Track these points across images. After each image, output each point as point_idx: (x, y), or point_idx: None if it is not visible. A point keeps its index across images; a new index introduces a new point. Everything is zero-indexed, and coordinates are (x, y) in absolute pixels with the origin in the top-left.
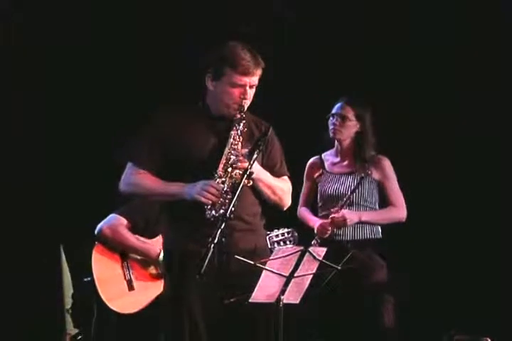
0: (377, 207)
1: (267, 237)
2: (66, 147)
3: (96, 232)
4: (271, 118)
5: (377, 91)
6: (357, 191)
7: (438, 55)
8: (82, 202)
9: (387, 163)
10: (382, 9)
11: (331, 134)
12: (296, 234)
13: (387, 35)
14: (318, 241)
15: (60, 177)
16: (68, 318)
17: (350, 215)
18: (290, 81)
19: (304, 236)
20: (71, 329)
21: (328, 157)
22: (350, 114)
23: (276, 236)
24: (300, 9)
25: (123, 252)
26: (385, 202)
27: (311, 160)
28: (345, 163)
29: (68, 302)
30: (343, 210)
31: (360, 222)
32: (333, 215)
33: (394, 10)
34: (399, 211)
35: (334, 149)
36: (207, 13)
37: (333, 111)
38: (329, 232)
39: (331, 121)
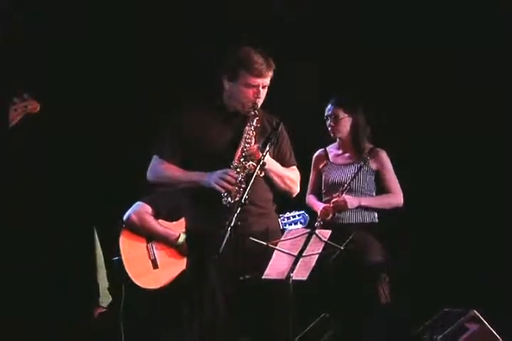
0: (374, 194)
1: (280, 219)
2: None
3: (124, 219)
4: (277, 115)
5: (377, 88)
6: (356, 179)
7: (436, 54)
8: (113, 191)
9: (384, 155)
10: (381, 9)
11: (331, 134)
12: (307, 216)
13: (383, 34)
14: (321, 223)
15: (95, 169)
16: (106, 292)
17: (351, 200)
18: (290, 79)
19: (313, 219)
20: (103, 302)
21: (332, 149)
22: (341, 112)
23: (288, 218)
24: (300, 9)
25: (148, 235)
26: (383, 190)
27: (317, 152)
28: (347, 154)
29: (103, 278)
30: (344, 195)
31: (360, 207)
32: (334, 200)
33: (392, 9)
34: (396, 197)
35: (336, 143)
36: (207, 13)
37: (326, 113)
38: (330, 215)
39: (327, 123)
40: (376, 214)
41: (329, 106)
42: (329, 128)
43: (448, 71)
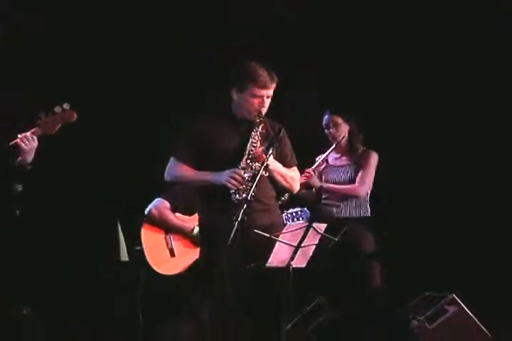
0: (369, 191)
1: (284, 214)
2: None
3: (146, 213)
4: (277, 119)
5: (377, 88)
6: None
7: (436, 54)
8: (135, 187)
9: (372, 155)
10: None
11: (332, 140)
12: (308, 212)
13: (383, 34)
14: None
15: (120, 169)
16: None
17: (315, 179)
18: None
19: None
20: None
21: (331, 154)
22: (339, 120)
23: (291, 213)
24: (300, 9)
25: (166, 227)
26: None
27: (319, 156)
28: (344, 157)
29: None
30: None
31: (322, 188)
32: (308, 170)
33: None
34: (358, 187)
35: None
36: (207, 13)
37: (325, 122)
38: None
39: (327, 131)
40: (369, 209)
41: (327, 116)
42: (330, 135)
43: (448, 71)
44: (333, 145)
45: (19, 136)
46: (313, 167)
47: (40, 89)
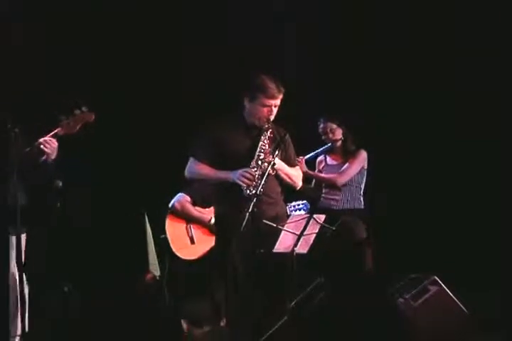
0: (362, 186)
1: (288, 207)
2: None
3: (170, 206)
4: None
5: (377, 88)
6: None
7: (436, 53)
8: (160, 185)
9: (362, 153)
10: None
11: (330, 143)
12: (308, 205)
13: (383, 34)
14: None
15: (147, 169)
16: (156, 263)
17: (303, 165)
18: (290, 80)
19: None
20: (156, 270)
21: (328, 155)
22: (334, 126)
23: (293, 206)
24: (300, 9)
25: (187, 218)
26: (367, 184)
27: (319, 158)
28: (339, 157)
29: (152, 251)
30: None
31: (307, 173)
32: (301, 157)
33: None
34: (337, 177)
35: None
36: (207, 13)
37: (321, 130)
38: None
39: (324, 137)
40: (362, 202)
41: (323, 123)
42: (328, 139)
43: (448, 71)
44: (329, 144)
45: (40, 140)
46: (307, 156)
47: (39, 89)
